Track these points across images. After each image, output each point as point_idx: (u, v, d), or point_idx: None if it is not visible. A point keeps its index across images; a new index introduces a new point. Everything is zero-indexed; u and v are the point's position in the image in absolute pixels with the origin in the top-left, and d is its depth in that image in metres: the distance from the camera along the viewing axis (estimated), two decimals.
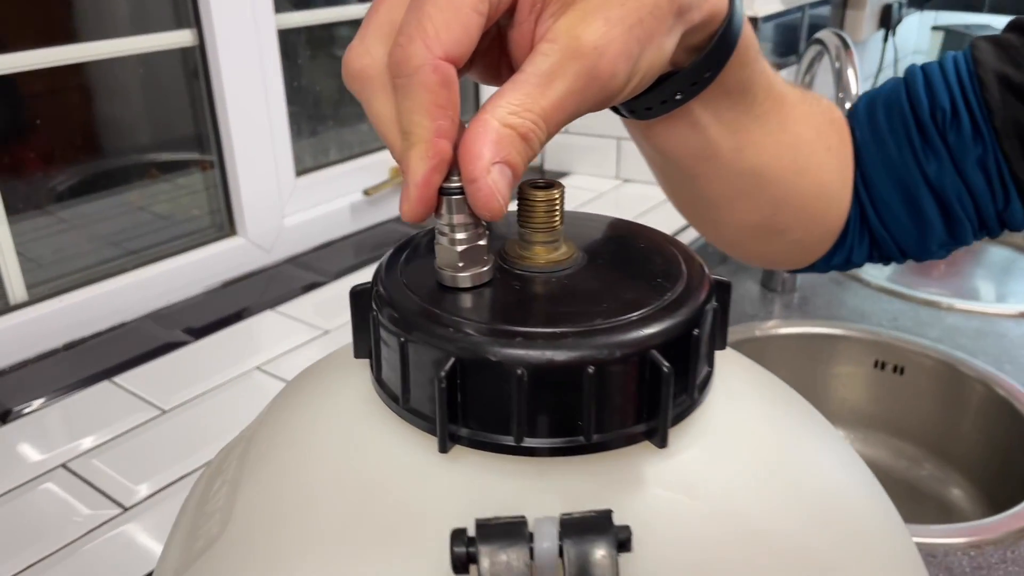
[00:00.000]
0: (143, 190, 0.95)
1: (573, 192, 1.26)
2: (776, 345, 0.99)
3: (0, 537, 0.57)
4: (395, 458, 0.24)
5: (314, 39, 1.08)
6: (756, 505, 0.24)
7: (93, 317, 0.84)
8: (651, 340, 0.23)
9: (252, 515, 0.26)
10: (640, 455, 0.23)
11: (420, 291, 0.25)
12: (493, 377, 0.22)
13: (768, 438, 0.27)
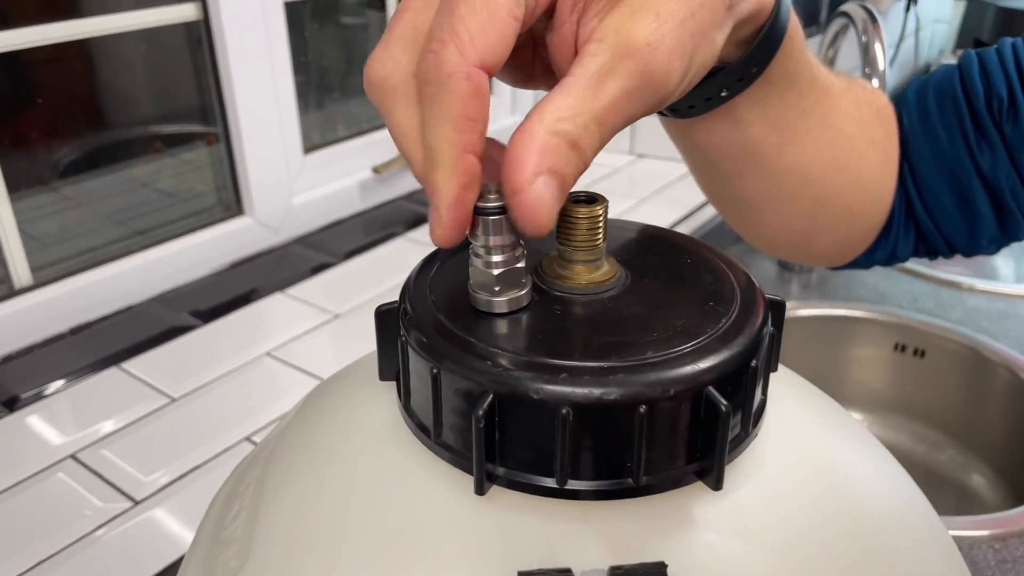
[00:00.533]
0: (147, 165, 0.93)
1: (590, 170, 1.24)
2: (794, 327, 0.97)
3: (10, 529, 0.56)
4: (427, 496, 0.22)
5: (320, 9, 1.05)
6: (815, 546, 0.23)
7: (99, 300, 0.82)
8: (707, 375, 0.21)
9: (273, 549, 0.24)
10: (693, 497, 0.22)
11: (452, 313, 0.23)
12: (535, 415, 0.21)
13: (823, 470, 0.25)
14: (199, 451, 0.64)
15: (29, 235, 0.80)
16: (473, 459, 0.21)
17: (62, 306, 0.80)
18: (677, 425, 0.21)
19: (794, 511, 0.23)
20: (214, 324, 0.82)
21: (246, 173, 0.93)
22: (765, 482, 0.23)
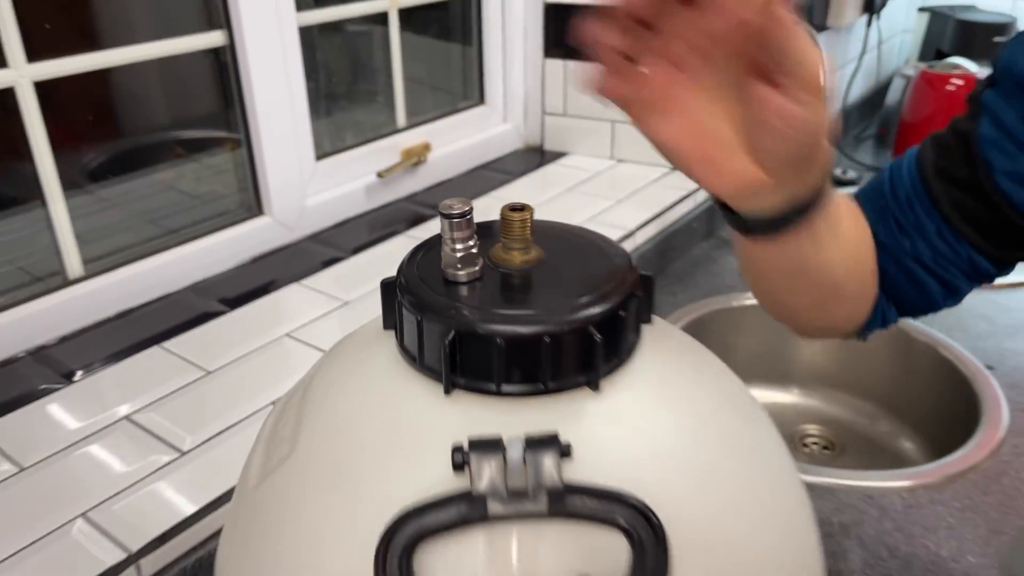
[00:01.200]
0: (172, 169, 1.05)
1: (571, 172, 1.36)
2: (750, 314, 1.09)
3: (86, 470, 0.69)
4: (414, 399, 0.35)
5: (329, 30, 1.17)
6: (665, 431, 0.35)
7: (140, 289, 0.95)
8: (589, 319, 0.33)
9: (313, 440, 0.37)
10: (581, 397, 0.34)
11: (431, 283, 0.36)
12: (481, 345, 0.33)
13: (680, 386, 0.37)
14: (231, 413, 0.77)
15: (75, 233, 0.92)
16: (443, 373, 0.34)
17: (109, 294, 0.92)
18: (570, 351, 0.33)
19: (651, 408, 0.35)
20: (240, 310, 0.95)
21: (266, 178, 1.06)
22: (633, 391, 0.35)
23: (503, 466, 0.31)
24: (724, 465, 0.36)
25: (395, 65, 1.26)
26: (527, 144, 1.47)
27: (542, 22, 1.36)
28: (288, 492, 0.35)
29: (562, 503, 0.30)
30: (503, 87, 1.41)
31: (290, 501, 0.35)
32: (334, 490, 0.33)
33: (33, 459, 0.71)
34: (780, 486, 0.39)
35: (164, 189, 1.05)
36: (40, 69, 0.84)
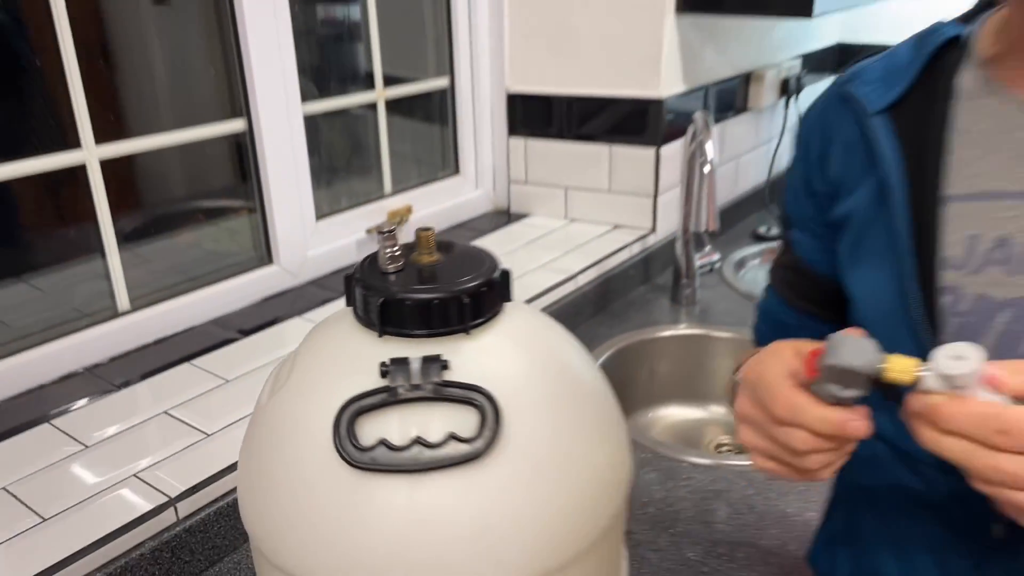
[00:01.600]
0: (196, 231, 1.30)
1: (531, 229, 1.61)
2: (670, 344, 1.32)
3: (141, 447, 0.92)
4: (361, 341, 0.58)
5: (330, 115, 1.44)
6: (508, 358, 0.58)
7: (174, 321, 1.19)
8: (463, 291, 0.57)
9: (301, 369, 0.60)
10: (458, 339, 0.57)
11: (373, 275, 0.60)
12: (399, 306, 0.57)
13: (523, 336, 0.61)
14: (243, 408, 1.00)
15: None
16: (378, 326, 0.57)
17: (150, 325, 1.16)
18: (451, 311, 0.57)
19: (507, 347, 0.58)
20: (251, 337, 1.18)
21: (275, 235, 1.31)
22: (490, 336, 0.59)
23: (408, 373, 0.54)
24: (547, 379, 0.59)
25: (383, 143, 1.53)
26: (496, 207, 1.73)
27: (506, 108, 1.64)
28: (286, 399, 0.58)
29: (440, 392, 0.53)
30: (475, 160, 1.68)
31: (287, 404, 0.58)
32: (314, 392, 0.57)
33: (95, 440, 0.94)
34: (594, 403, 0.62)
35: (189, 247, 1.30)
36: (105, 150, 1.11)
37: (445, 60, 1.61)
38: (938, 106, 0.60)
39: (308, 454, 0.55)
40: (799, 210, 0.72)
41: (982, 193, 0.58)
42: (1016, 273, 0.56)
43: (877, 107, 0.62)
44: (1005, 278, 0.57)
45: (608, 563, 0.64)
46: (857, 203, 0.64)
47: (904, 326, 0.60)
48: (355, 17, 1.45)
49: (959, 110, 0.60)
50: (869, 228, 0.64)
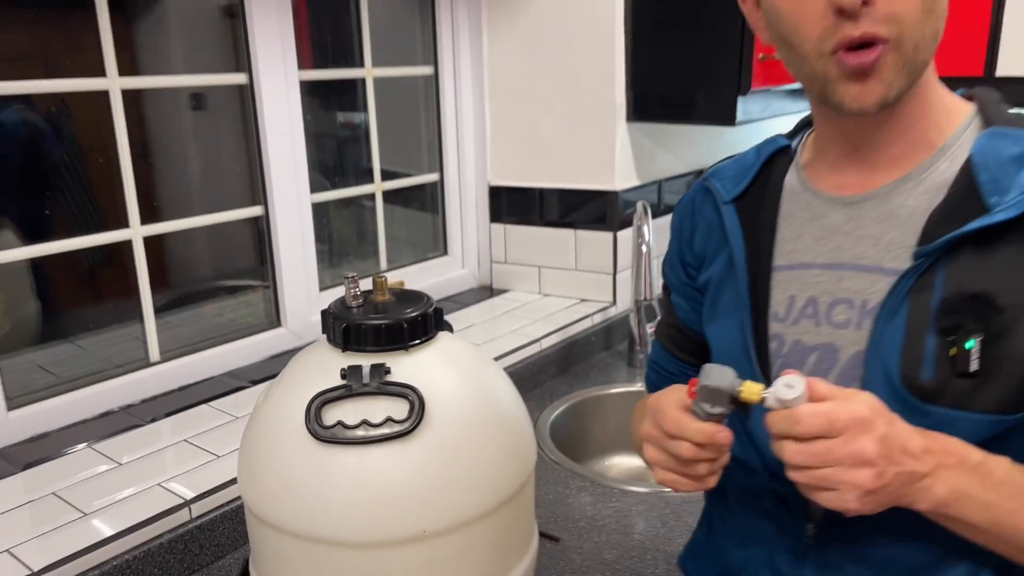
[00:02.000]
0: (218, 304, 1.54)
1: (509, 302, 1.84)
2: (617, 399, 1.52)
3: (166, 466, 1.13)
4: (329, 355, 0.80)
5: (336, 203, 1.71)
6: (438, 368, 0.80)
7: (196, 372, 1.42)
8: (404, 320, 0.79)
9: (285, 377, 0.82)
10: (400, 353, 0.79)
11: (341, 309, 0.82)
12: (357, 330, 0.79)
13: (452, 356, 0.83)
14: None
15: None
16: (341, 344, 0.79)
17: (176, 373, 1.39)
18: (395, 333, 0.79)
19: (440, 363, 0.80)
20: (260, 386, 1.40)
21: (284, 304, 1.55)
22: (425, 353, 0.81)
23: (360, 376, 0.76)
24: (464, 383, 0.80)
25: (380, 227, 1.78)
26: (480, 283, 1.97)
27: (488, 198, 1.90)
28: (274, 396, 0.80)
29: (382, 388, 0.75)
30: (461, 243, 1.93)
31: (275, 399, 0.80)
32: (294, 390, 0.78)
33: (127, 460, 1.15)
34: (502, 405, 0.83)
35: (212, 317, 1.54)
36: (148, 228, 1.36)
37: (436, 158, 1.88)
38: (770, 198, 0.78)
39: (287, 432, 0.77)
40: (676, 278, 0.88)
41: (798, 264, 0.75)
42: (821, 325, 0.72)
43: (728, 198, 0.80)
44: (814, 328, 0.72)
45: (514, 531, 0.83)
46: (714, 271, 0.81)
47: (746, 365, 0.75)
48: (359, 122, 1.73)
49: (784, 201, 0.77)
50: (722, 290, 0.80)
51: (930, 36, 0.66)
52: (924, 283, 0.66)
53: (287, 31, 1.47)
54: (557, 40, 1.72)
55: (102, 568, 0.95)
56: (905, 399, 0.65)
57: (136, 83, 1.33)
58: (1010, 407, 0.64)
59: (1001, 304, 0.63)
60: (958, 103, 0.72)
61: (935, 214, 0.67)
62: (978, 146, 0.68)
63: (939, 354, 0.65)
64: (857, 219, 0.72)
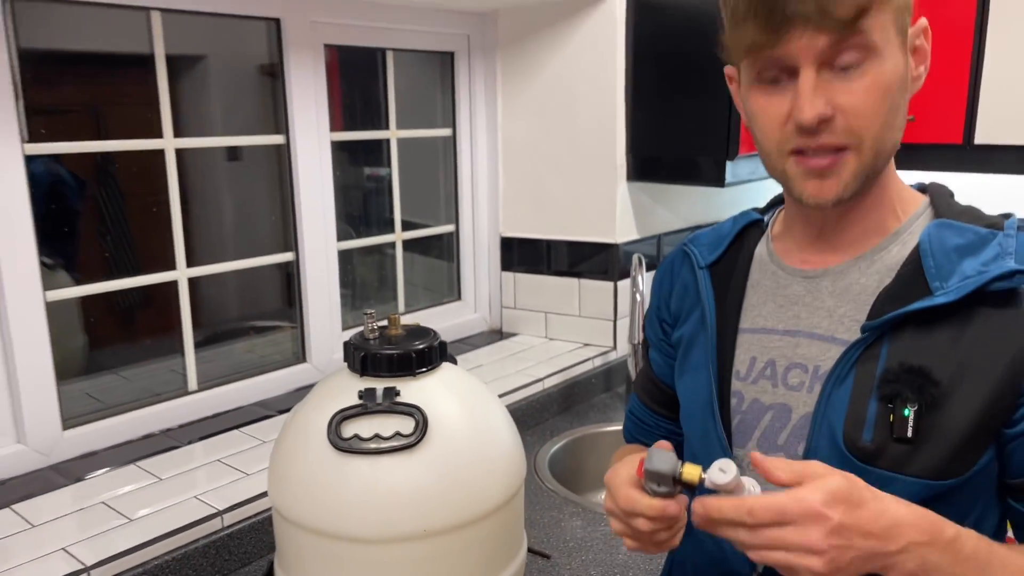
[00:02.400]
0: (249, 342, 1.70)
1: (517, 345, 1.98)
2: (609, 437, 1.64)
3: (194, 482, 1.26)
4: (348, 379, 0.95)
5: (359, 251, 1.87)
6: (440, 392, 0.93)
7: (228, 401, 1.56)
8: (413, 351, 0.94)
9: (314, 398, 0.96)
10: (408, 379, 0.93)
11: (360, 341, 0.97)
12: (373, 359, 0.93)
13: (453, 383, 0.96)
14: None
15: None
16: (359, 369, 0.94)
17: (211, 401, 1.54)
18: (406, 361, 0.93)
19: (445, 388, 0.94)
20: (285, 415, 1.54)
21: (309, 342, 1.70)
22: (431, 380, 0.94)
23: (374, 396, 0.90)
24: (463, 405, 0.94)
25: (399, 273, 1.94)
26: (490, 327, 2.11)
27: (499, 248, 2.06)
28: (302, 413, 0.94)
29: (392, 407, 0.89)
30: (474, 289, 2.08)
31: (302, 416, 0.94)
32: (318, 408, 0.92)
33: (167, 475, 1.29)
34: (496, 425, 0.96)
35: (243, 354, 1.69)
36: (193, 271, 1.53)
37: (452, 210, 2.04)
38: (740, 267, 0.84)
39: (311, 443, 0.90)
40: (653, 334, 0.94)
41: (761, 328, 0.80)
42: (778, 386, 0.77)
43: (703, 263, 0.86)
44: (771, 389, 0.77)
45: (503, 537, 0.96)
46: (687, 329, 0.87)
47: (710, 417, 0.80)
48: (383, 176, 1.90)
49: (753, 270, 0.83)
50: (692, 347, 0.85)
51: (889, 146, 0.72)
52: (870, 354, 0.72)
53: (321, 97, 1.65)
54: (564, 106, 1.89)
55: (145, 567, 1.09)
56: (847, 459, 0.71)
57: (188, 143, 1.50)
58: (941, 474, 0.69)
59: (936, 378, 0.69)
60: (913, 194, 0.79)
61: (884, 293, 0.73)
62: (926, 234, 0.73)
63: (879, 419, 0.70)
64: (815, 292, 0.78)
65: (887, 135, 0.70)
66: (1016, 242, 0.71)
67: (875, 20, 0.67)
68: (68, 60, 1.40)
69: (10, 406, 1.30)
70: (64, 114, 1.39)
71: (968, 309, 0.69)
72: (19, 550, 1.09)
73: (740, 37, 0.70)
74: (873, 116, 0.69)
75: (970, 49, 1.98)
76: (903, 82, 0.71)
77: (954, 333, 0.69)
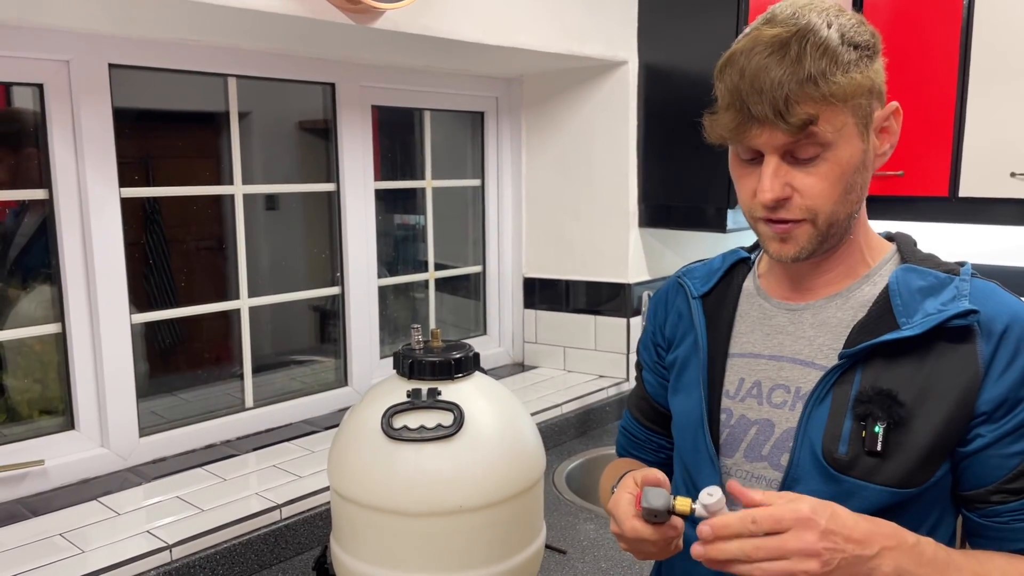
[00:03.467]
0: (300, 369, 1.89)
1: (537, 376, 2.15)
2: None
3: (255, 482, 1.44)
4: (399, 382, 1.13)
5: (395, 289, 2.07)
6: (473, 395, 1.12)
7: (281, 418, 1.75)
8: (452, 359, 1.12)
9: (369, 396, 1.14)
10: (448, 382, 1.12)
11: (408, 351, 1.15)
12: (420, 364, 1.12)
13: (483, 386, 1.14)
14: (320, 465, 1.52)
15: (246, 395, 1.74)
16: (408, 373, 1.12)
17: (265, 418, 1.72)
18: (445, 368, 1.12)
19: (478, 392, 1.12)
20: (329, 431, 1.72)
21: (351, 370, 1.89)
22: (470, 385, 1.13)
23: (420, 395, 1.08)
24: (493, 406, 1.12)
25: (431, 309, 2.13)
26: (513, 360, 2.29)
27: (523, 288, 2.25)
28: (360, 408, 1.13)
29: (435, 404, 1.07)
30: (499, 325, 2.26)
31: (360, 410, 1.12)
32: (373, 404, 1.11)
33: (231, 477, 1.47)
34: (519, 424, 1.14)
35: (287, 382, 1.88)
36: (253, 301, 1.73)
37: (480, 253, 2.25)
38: (730, 299, 0.94)
39: (367, 432, 1.08)
40: (648, 357, 1.04)
41: (748, 353, 0.90)
42: (763, 404, 0.87)
43: (696, 294, 0.96)
44: (756, 406, 0.87)
45: (525, 519, 1.12)
46: (681, 352, 0.96)
47: (701, 432, 0.89)
48: (413, 224, 2.12)
49: (741, 302, 0.93)
50: (686, 369, 0.95)
51: (844, 216, 0.81)
52: (846, 378, 0.81)
53: (368, 151, 1.88)
54: (582, 160, 2.10)
55: (216, 548, 1.26)
56: (824, 469, 0.80)
57: (253, 189, 1.72)
58: (905, 483, 0.79)
59: (902, 399, 0.78)
60: (881, 242, 0.89)
61: (858, 326, 0.82)
62: (894, 277, 0.83)
63: (853, 435, 0.79)
64: (797, 323, 0.87)
65: (840, 209, 0.80)
66: (970, 286, 0.81)
67: (828, 123, 0.76)
68: (127, 116, 1.53)
69: (97, 414, 1.50)
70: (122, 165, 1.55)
71: (929, 342, 0.79)
72: (109, 533, 1.27)
73: (718, 125, 0.80)
74: (827, 197, 0.79)
75: (953, 110, 2.18)
76: (860, 164, 0.80)
77: (917, 362, 0.79)
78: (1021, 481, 0.78)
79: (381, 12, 1.42)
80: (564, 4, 1.83)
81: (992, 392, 0.77)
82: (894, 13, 2.26)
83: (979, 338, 0.79)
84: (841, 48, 0.76)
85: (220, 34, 1.49)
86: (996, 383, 0.77)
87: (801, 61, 0.75)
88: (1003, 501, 0.79)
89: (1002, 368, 0.78)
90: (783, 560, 0.68)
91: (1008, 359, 0.78)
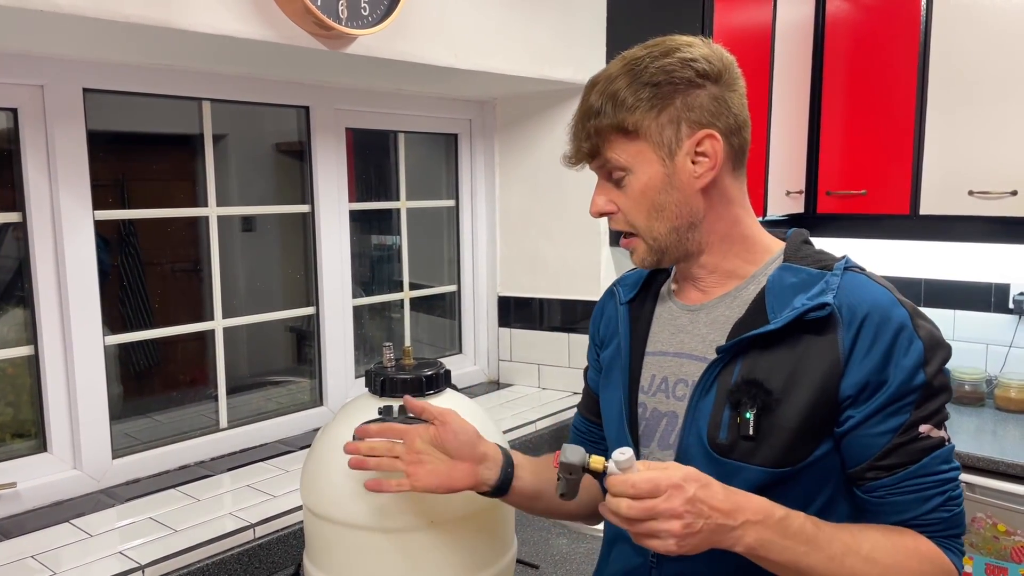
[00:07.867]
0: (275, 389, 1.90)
1: (512, 393, 2.17)
2: None
3: (228, 502, 1.45)
4: (370, 400, 1.15)
5: (370, 308, 2.08)
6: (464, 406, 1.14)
7: (255, 438, 1.75)
8: (424, 376, 1.14)
9: (342, 414, 1.16)
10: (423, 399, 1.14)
11: (379, 369, 1.18)
12: (390, 382, 1.14)
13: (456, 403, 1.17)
14: (293, 485, 1.53)
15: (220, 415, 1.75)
16: (379, 390, 1.14)
17: (240, 438, 1.73)
18: (415, 385, 1.14)
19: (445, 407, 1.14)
20: (303, 451, 1.73)
21: (326, 389, 1.90)
22: (442, 401, 1.15)
23: (391, 411, 1.11)
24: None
25: (406, 328, 2.15)
26: (488, 378, 2.31)
27: (497, 307, 2.27)
28: (331, 427, 1.14)
29: (405, 420, 1.10)
30: (474, 343, 2.29)
31: (332, 429, 1.14)
32: (345, 422, 1.13)
33: (205, 497, 1.48)
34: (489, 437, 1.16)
35: (262, 402, 1.89)
36: (227, 322, 1.74)
37: (454, 272, 2.27)
38: (648, 303, 1.03)
39: (339, 450, 1.10)
40: (591, 356, 1.15)
41: (659, 351, 0.99)
42: (669, 397, 0.96)
43: (623, 300, 1.05)
44: (665, 400, 0.96)
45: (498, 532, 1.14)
46: (608, 352, 1.07)
47: (623, 423, 0.99)
48: (389, 245, 2.14)
49: (658, 306, 1.03)
50: (612, 369, 1.05)
51: (665, 231, 0.92)
52: (728, 370, 0.90)
53: (342, 173, 1.90)
54: (554, 181, 2.14)
55: (190, 568, 1.27)
56: (709, 453, 0.89)
57: (228, 211, 1.74)
58: (778, 463, 0.87)
59: (769, 387, 0.87)
60: (773, 244, 0.97)
61: (737, 322, 0.92)
62: (771, 277, 0.92)
63: (730, 422, 0.88)
64: (695, 322, 0.97)
65: (656, 224, 0.92)
66: (841, 279, 0.88)
67: (615, 154, 0.91)
68: (102, 139, 1.55)
69: (70, 436, 1.50)
70: (97, 188, 1.56)
71: (797, 334, 0.87)
72: (82, 554, 1.27)
73: None
74: (637, 213, 0.92)
75: (912, 130, 2.25)
76: (665, 185, 0.90)
77: (786, 353, 0.88)
78: (891, 458, 0.85)
79: (353, 38, 1.45)
80: (535, 30, 1.87)
81: (855, 376, 0.85)
82: (855, 37, 2.33)
83: (841, 327, 0.86)
84: (625, 91, 0.90)
85: (194, 59, 1.51)
86: (858, 367, 0.85)
87: (587, 102, 0.94)
88: (876, 477, 0.86)
89: (863, 354, 0.85)
90: (653, 521, 0.77)
91: (868, 345, 0.85)
